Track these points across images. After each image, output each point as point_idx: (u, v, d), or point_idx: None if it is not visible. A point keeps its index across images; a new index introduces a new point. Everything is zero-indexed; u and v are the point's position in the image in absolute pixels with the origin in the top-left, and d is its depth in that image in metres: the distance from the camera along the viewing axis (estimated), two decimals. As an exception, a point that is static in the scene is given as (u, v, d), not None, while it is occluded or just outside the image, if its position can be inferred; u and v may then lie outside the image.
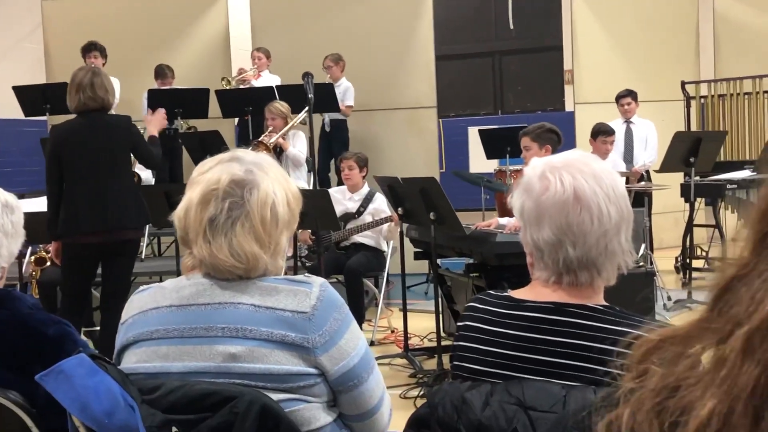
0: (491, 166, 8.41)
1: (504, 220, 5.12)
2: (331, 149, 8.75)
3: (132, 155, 5.10)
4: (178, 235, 1.92)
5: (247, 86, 8.81)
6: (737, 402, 0.59)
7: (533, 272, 1.79)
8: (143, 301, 1.95)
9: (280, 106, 7.47)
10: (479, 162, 9.07)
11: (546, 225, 1.70)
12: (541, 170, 1.74)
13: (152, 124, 5.39)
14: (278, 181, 1.90)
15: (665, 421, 0.63)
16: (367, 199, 6.69)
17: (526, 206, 1.74)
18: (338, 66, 8.83)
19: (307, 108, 6.53)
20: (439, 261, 5.76)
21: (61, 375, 1.88)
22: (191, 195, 1.87)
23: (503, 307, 1.78)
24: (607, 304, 1.75)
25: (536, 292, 1.77)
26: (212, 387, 1.81)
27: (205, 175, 1.88)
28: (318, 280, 1.88)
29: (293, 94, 7.53)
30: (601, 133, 7.23)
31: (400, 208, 5.41)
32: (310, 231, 6.41)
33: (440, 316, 5.39)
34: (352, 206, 6.70)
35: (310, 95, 5.18)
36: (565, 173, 1.70)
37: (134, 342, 1.92)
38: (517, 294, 1.80)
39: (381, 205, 6.64)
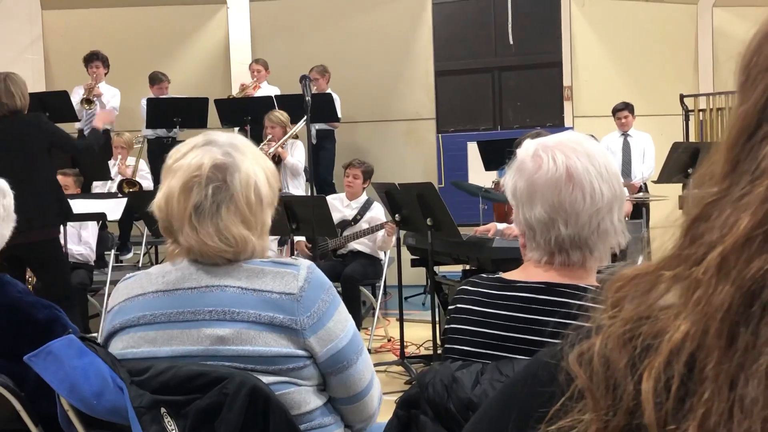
0: (490, 179, 8.40)
1: (502, 226, 5.10)
2: (317, 159, 8.65)
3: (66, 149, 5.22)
4: (159, 225, 1.89)
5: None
6: (712, 322, 0.58)
7: (525, 253, 1.78)
8: (129, 288, 1.93)
9: (280, 115, 7.49)
10: (478, 177, 9.06)
11: (538, 203, 1.69)
12: (533, 150, 1.73)
13: (98, 118, 5.58)
14: (256, 160, 1.89)
15: (637, 346, 0.63)
16: (365, 207, 6.71)
17: (518, 186, 1.73)
18: (324, 78, 8.80)
19: (305, 117, 6.54)
20: (436, 269, 5.74)
21: (50, 356, 1.86)
22: (171, 183, 1.84)
23: (494, 288, 1.77)
24: (599, 284, 1.73)
25: (528, 272, 1.76)
26: (201, 368, 1.79)
27: (182, 162, 1.85)
28: (305, 262, 1.87)
29: (292, 104, 7.54)
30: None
31: (397, 215, 5.40)
32: (305, 239, 6.40)
33: (437, 324, 5.37)
34: (350, 213, 6.71)
35: (308, 97, 5.18)
36: (558, 152, 1.69)
37: (121, 328, 1.91)
38: (509, 275, 1.79)
39: (378, 213, 6.64)
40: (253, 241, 1.85)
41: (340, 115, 8.73)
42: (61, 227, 5.26)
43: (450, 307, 1.86)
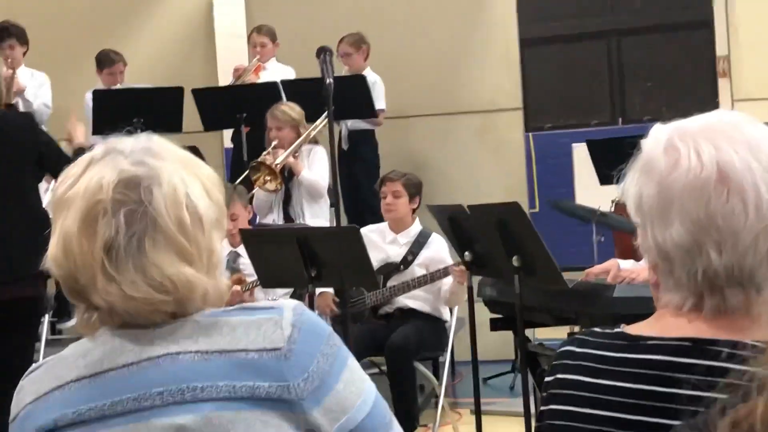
0: (607, 197, 8.39)
1: (627, 264, 5.08)
2: (353, 174, 8.72)
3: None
4: (62, 286, 1.88)
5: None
6: None
7: (659, 296, 1.78)
8: (39, 383, 1.91)
9: (289, 110, 7.54)
10: (590, 194, 9.07)
11: (676, 219, 1.69)
12: (666, 139, 1.73)
13: (79, 134, 5.83)
14: (183, 165, 1.89)
15: None
16: (419, 243, 6.71)
17: (644, 194, 1.73)
18: (360, 52, 8.89)
19: (327, 111, 6.57)
20: (530, 334, 5.73)
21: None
22: (66, 223, 1.84)
23: (614, 350, 1.77)
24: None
25: (664, 324, 1.76)
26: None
27: (77, 187, 1.85)
28: (290, 302, 1.88)
29: (308, 92, 7.52)
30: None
31: (467, 252, 5.40)
32: (332, 291, 6.40)
33: (532, 417, 5.35)
34: (396, 253, 6.74)
35: (329, 80, 5.20)
36: (704, 142, 1.69)
37: None
38: (635, 329, 1.79)
39: (439, 252, 6.66)
40: (202, 281, 1.85)
41: (383, 107, 8.78)
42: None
43: (547, 379, 1.86)
